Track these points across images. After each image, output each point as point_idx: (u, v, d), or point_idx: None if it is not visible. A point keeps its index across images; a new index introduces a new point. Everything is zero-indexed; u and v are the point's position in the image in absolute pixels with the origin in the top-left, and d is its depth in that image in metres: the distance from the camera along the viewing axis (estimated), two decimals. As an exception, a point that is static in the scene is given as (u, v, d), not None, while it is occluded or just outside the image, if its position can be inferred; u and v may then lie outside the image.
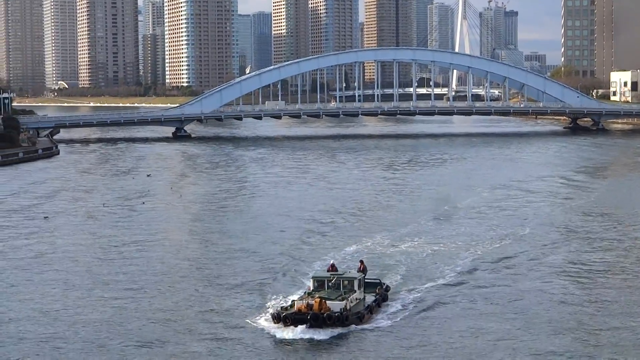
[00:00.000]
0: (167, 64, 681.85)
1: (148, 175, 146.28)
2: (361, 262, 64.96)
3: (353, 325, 55.00)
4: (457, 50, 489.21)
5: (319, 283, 59.18)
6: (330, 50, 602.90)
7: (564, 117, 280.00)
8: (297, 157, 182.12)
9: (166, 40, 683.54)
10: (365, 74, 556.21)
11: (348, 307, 55.71)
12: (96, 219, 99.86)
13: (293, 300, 57.76)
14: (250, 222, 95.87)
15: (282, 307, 56.93)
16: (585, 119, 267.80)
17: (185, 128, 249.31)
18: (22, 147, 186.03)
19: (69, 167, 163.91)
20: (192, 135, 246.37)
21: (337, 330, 54.07)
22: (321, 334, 53.49)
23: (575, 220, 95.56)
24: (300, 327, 53.82)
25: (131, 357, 50.77)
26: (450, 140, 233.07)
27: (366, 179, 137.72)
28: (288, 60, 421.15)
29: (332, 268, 62.17)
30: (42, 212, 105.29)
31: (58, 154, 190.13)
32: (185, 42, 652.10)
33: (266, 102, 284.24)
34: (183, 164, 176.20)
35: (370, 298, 59.58)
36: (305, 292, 59.21)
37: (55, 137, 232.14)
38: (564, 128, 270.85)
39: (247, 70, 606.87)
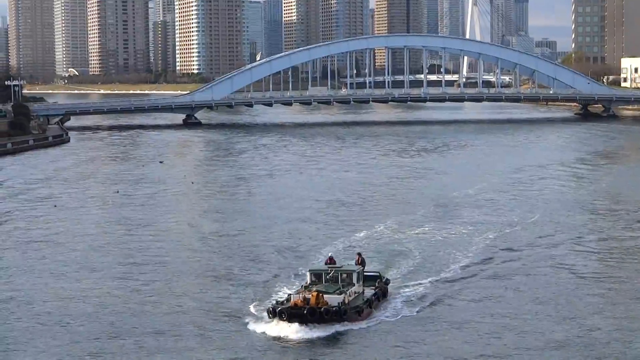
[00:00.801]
0: (177, 51, 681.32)
1: (160, 162, 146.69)
2: (358, 254, 62.03)
3: (351, 321, 52.74)
4: (467, 36, 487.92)
5: (316, 276, 56.75)
6: (341, 36, 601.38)
7: (575, 104, 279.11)
8: (307, 143, 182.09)
9: (176, 27, 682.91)
10: (376, 60, 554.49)
11: (346, 301, 53.39)
12: (107, 206, 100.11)
13: (289, 294, 55.42)
14: (260, 208, 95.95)
15: (277, 301, 54.57)
16: (596, 105, 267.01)
17: (195, 115, 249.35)
18: (32, 134, 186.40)
19: (80, 155, 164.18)
20: (203, 122, 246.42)
21: (335, 326, 51.84)
22: (318, 330, 51.29)
23: (586, 206, 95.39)
24: (297, 322, 51.46)
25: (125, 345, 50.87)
26: (461, 126, 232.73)
27: (376, 166, 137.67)
28: (298, 47, 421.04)
29: (330, 260, 59.67)
30: (52, 199, 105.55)
31: (68, 141, 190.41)
32: (196, 29, 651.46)
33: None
34: (194, 150, 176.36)
35: (369, 292, 57.16)
36: (302, 286, 56.84)
37: (65, 124, 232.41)
38: (575, 114, 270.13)
39: (258, 57, 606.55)
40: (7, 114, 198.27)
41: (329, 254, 62.10)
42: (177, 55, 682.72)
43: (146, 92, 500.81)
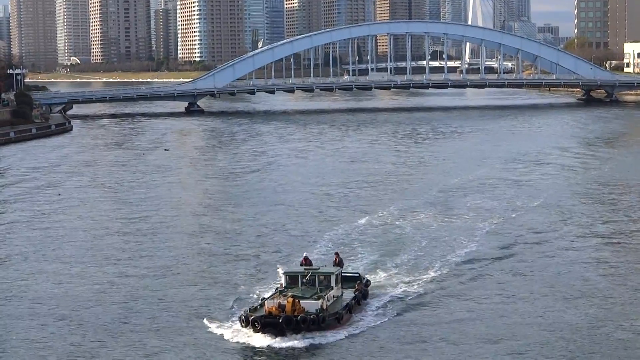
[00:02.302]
0: (179, 39, 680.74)
1: (166, 150, 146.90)
2: (336, 254, 57.86)
3: (330, 328, 48.62)
4: (469, 22, 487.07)
5: (292, 279, 52.37)
6: (343, 23, 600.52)
7: (578, 89, 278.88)
8: (310, 130, 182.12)
9: (178, 15, 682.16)
10: (378, 47, 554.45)
11: (325, 307, 49.30)
12: (111, 194, 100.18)
13: (263, 299, 51.35)
14: (262, 195, 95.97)
15: (250, 308, 49.87)
16: (599, 90, 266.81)
17: (198, 103, 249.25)
18: (35, 123, 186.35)
19: (83, 143, 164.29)
20: (205, 110, 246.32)
21: (313, 335, 47.70)
22: (294, 340, 47.12)
23: (589, 191, 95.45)
24: (271, 333, 47.39)
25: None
26: (463, 112, 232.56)
27: (379, 152, 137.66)
28: (301, 34, 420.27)
29: (306, 261, 55.96)
30: (56, 187, 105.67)
31: (71, 129, 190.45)
32: (198, 16, 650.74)
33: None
34: (197, 138, 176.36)
35: (348, 295, 53.00)
36: (276, 290, 52.75)
37: (68, 112, 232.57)
38: (578, 100, 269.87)
39: (260, 45, 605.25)
40: (10, 103, 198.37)
41: (304, 254, 58.16)
42: (179, 43, 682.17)
43: (148, 80, 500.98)
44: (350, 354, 46.32)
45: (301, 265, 55.85)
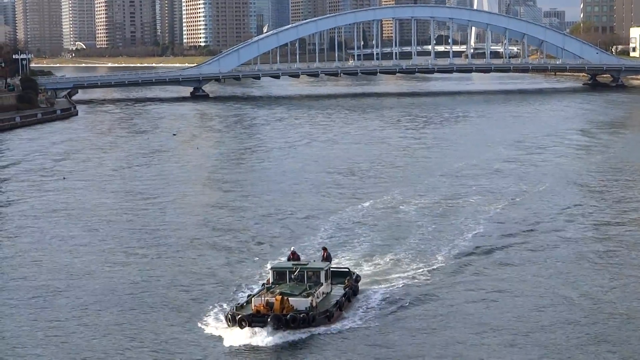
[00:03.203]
0: (184, 24, 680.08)
1: (174, 134, 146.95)
2: (324, 249, 55.22)
3: (321, 327, 46.53)
4: (475, 7, 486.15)
5: (280, 274, 50.35)
6: (348, 8, 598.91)
7: (583, 74, 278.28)
8: (315, 115, 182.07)
9: (183, 0, 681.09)
10: (384, 32, 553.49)
11: (314, 304, 47.24)
12: (116, 179, 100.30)
13: (250, 295, 49.55)
14: (267, 180, 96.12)
15: (237, 306, 47.96)
16: (605, 75, 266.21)
17: (203, 88, 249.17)
18: (40, 108, 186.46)
19: (88, 128, 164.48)
20: (210, 95, 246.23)
21: (303, 334, 45.60)
22: (283, 339, 44.99)
23: (595, 175, 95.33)
24: (259, 332, 45.32)
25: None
26: (469, 97, 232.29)
27: (383, 137, 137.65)
28: (306, 19, 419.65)
29: (293, 256, 53.77)
30: (61, 172, 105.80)
31: (76, 114, 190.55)
32: (203, 1, 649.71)
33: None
34: (202, 123, 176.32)
35: (338, 291, 50.77)
36: (263, 285, 50.57)
37: (73, 97, 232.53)
38: (583, 84, 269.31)
39: (265, 30, 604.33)
40: (15, 88, 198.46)
41: (292, 248, 56.19)
42: (184, 28, 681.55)
43: (153, 65, 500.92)
44: (341, 354, 44.08)
45: (289, 260, 53.53)
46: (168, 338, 46.56)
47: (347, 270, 54.31)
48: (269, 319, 45.38)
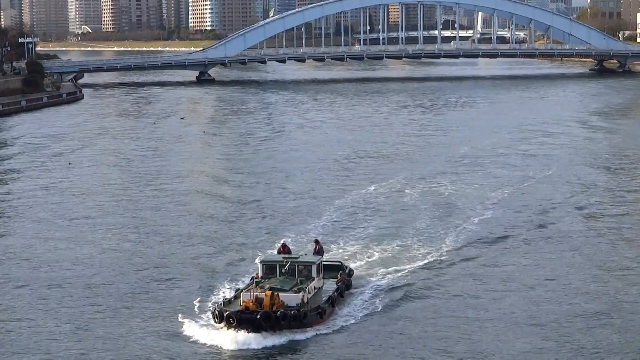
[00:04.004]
0: (190, 8, 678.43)
1: (182, 118, 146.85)
2: (316, 241, 53.18)
3: (311, 324, 44.43)
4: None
5: (269, 268, 47.96)
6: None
7: (590, 59, 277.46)
8: (321, 100, 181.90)
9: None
10: (390, 16, 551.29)
11: (306, 300, 44.83)
12: (123, 162, 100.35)
13: (238, 290, 47.18)
14: (273, 164, 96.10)
15: (224, 301, 45.53)
16: (611, 60, 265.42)
17: (209, 72, 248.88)
18: (46, 91, 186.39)
19: (94, 111, 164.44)
20: (216, 79, 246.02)
21: (293, 332, 43.47)
22: (273, 338, 42.86)
23: (601, 160, 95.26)
24: (248, 330, 42.96)
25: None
26: (475, 82, 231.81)
27: (390, 122, 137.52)
28: (312, 3, 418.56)
29: (284, 249, 51.60)
30: (67, 156, 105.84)
31: (82, 98, 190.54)
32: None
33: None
34: (208, 107, 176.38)
35: (331, 286, 48.59)
36: (252, 279, 48.60)
37: (79, 81, 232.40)
38: (590, 70, 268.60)
39: (271, 14, 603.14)
40: (21, 72, 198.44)
41: (282, 241, 54.00)
42: (189, 12, 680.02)
43: (159, 49, 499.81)
44: (332, 352, 42.13)
45: (279, 252, 51.26)
46: (149, 335, 44.42)
47: (339, 263, 52.34)
48: (258, 316, 43.05)
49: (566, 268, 54.72)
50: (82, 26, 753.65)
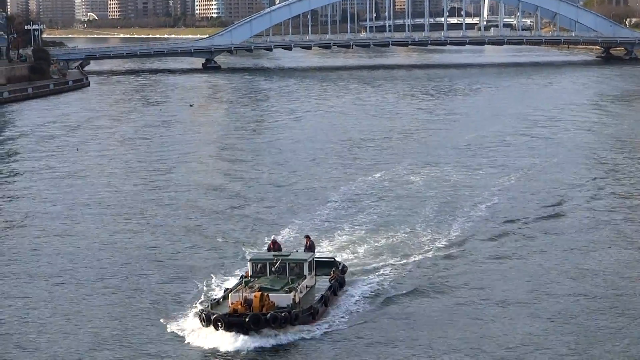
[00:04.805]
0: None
1: (191, 105, 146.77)
2: (307, 237, 51.10)
3: (304, 326, 42.20)
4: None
5: (259, 267, 45.94)
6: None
7: (597, 47, 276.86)
8: (327, 87, 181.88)
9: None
10: (396, 3, 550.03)
11: (297, 300, 42.69)
12: (129, 150, 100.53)
13: (226, 290, 44.91)
14: (279, 151, 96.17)
15: (212, 303, 43.26)
16: (618, 48, 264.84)
17: (215, 59, 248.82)
18: (52, 78, 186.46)
19: (101, 98, 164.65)
20: (223, 66, 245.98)
21: (283, 335, 41.30)
22: (263, 341, 40.75)
23: (607, 148, 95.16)
24: (236, 334, 40.89)
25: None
26: (481, 70, 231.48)
27: (395, 109, 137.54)
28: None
29: (274, 245, 49.18)
30: (75, 143, 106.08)
31: (89, 85, 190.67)
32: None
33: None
34: (215, 94, 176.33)
35: (323, 284, 46.48)
36: (241, 278, 46.51)
37: (85, 68, 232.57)
38: (597, 57, 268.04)
39: (277, 1, 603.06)
40: (27, 59, 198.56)
41: (272, 237, 51.34)
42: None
43: (165, 36, 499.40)
44: (324, 355, 40.31)
45: (269, 250, 48.86)
46: (139, 335, 42.82)
47: (332, 260, 49.91)
48: (247, 319, 40.86)
49: (576, 254, 54.79)
50: (88, 13, 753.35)
